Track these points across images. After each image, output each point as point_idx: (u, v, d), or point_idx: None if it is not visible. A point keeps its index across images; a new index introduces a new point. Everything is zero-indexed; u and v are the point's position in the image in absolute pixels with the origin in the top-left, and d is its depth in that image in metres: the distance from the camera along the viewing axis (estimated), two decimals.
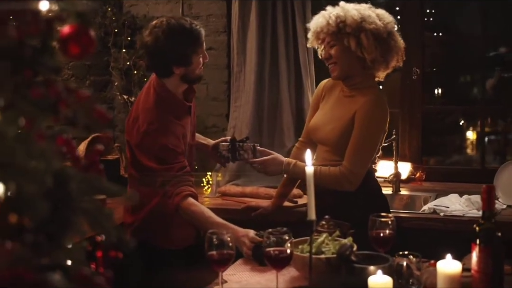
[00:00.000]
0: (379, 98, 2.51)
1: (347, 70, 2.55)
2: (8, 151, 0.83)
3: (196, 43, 2.48)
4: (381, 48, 2.50)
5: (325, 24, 2.51)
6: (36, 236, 0.86)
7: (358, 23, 2.48)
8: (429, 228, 2.83)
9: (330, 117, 2.60)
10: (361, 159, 2.48)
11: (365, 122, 2.46)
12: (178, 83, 2.55)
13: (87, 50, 0.97)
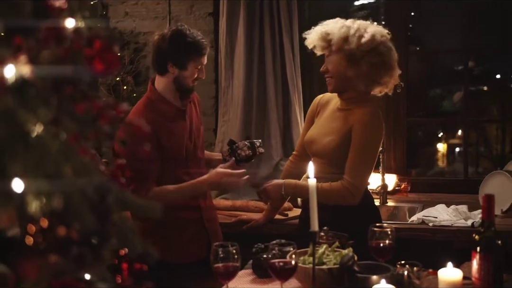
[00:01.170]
0: (375, 111, 2.55)
1: (342, 85, 2.58)
2: (53, 165, 0.85)
3: (196, 51, 2.57)
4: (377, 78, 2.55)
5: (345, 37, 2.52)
6: (80, 249, 0.88)
7: (362, 55, 2.50)
8: (418, 238, 2.88)
9: (326, 130, 2.63)
10: (362, 172, 2.51)
11: (363, 135, 2.50)
12: (171, 85, 2.62)
13: (111, 67, 1.00)
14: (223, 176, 2.59)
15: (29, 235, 0.82)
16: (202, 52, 2.58)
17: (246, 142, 2.65)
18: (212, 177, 2.60)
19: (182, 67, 2.57)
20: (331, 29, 2.56)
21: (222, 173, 2.60)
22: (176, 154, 2.62)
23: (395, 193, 3.65)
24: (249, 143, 2.65)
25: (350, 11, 6.15)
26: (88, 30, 1.00)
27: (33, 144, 0.84)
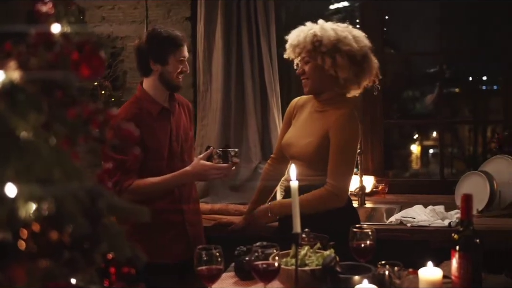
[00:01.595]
0: (351, 113, 2.59)
1: (318, 86, 2.64)
2: (44, 169, 0.85)
3: (173, 44, 2.64)
4: (355, 69, 2.59)
5: (302, 40, 2.60)
6: (72, 253, 0.88)
7: (333, 44, 2.56)
8: (397, 238, 2.92)
9: (303, 132, 2.66)
10: (344, 173, 2.55)
11: (341, 137, 2.54)
12: (157, 84, 2.69)
13: (97, 72, 1.01)
14: (210, 169, 2.63)
15: (22, 239, 0.83)
16: (179, 43, 2.66)
17: (218, 151, 2.67)
18: (196, 168, 2.63)
19: (163, 62, 2.65)
20: (318, 31, 2.60)
21: (208, 166, 2.63)
22: (158, 153, 2.65)
23: (373, 194, 3.70)
24: (221, 152, 2.66)
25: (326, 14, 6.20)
26: (75, 35, 1.01)
27: (25, 149, 0.84)
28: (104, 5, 3.91)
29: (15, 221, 0.82)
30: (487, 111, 5.78)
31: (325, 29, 2.60)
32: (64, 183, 0.86)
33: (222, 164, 2.65)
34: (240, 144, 3.67)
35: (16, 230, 0.83)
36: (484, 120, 5.72)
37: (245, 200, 3.38)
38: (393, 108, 5.86)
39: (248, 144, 3.65)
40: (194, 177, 2.70)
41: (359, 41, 2.62)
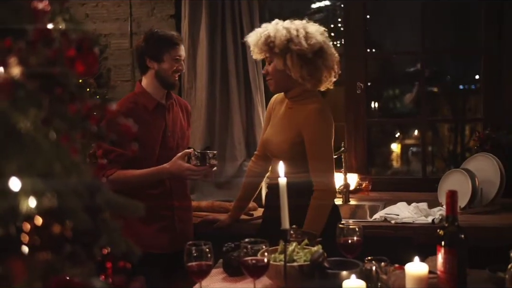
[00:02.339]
0: (319, 107, 2.60)
1: (281, 85, 2.68)
2: (45, 164, 0.86)
3: (168, 42, 2.74)
4: (307, 68, 2.58)
5: (258, 42, 2.63)
6: (73, 247, 0.89)
7: (285, 44, 2.57)
8: (381, 235, 2.96)
9: (277, 130, 2.71)
10: (326, 170, 2.58)
11: (314, 135, 2.57)
12: (153, 81, 2.78)
13: (91, 69, 1.02)
14: (185, 170, 2.68)
15: (25, 233, 0.83)
16: (173, 42, 2.75)
17: (196, 152, 2.68)
18: (173, 167, 2.68)
19: (158, 60, 2.74)
20: (272, 32, 2.61)
21: (185, 167, 2.67)
22: (149, 146, 2.70)
23: (356, 192, 3.73)
24: (199, 154, 2.69)
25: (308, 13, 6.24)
26: (73, 32, 1.02)
27: (26, 144, 0.85)
28: (88, 3, 3.90)
29: (18, 215, 0.83)
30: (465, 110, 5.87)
31: (278, 30, 2.60)
32: (64, 177, 0.87)
33: (199, 167, 2.67)
34: (225, 141, 3.68)
35: (19, 223, 0.84)
36: (464, 119, 5.79)
37: (231, 198, 3.40)
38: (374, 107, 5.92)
39: (233, 142, 3.67)
40: (171, 175, 2.72)
41: (310, 38, 2.58)
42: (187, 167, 2.66)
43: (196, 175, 2.71)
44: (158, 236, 2.75)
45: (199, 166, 2.67)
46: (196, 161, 2.67)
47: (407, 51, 4.78)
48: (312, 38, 2.58)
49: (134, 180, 2.66)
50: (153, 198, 2.69)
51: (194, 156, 2.67)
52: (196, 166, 2.67)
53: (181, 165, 2.66)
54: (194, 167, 2.66)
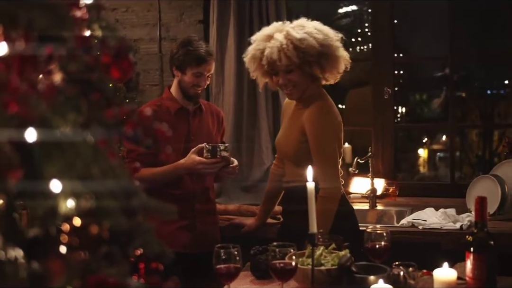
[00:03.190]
0: (322, 105, 2.60)
1: (305, 90, 2.65)
2: (84, 167, 0.89)
3: (192, 59, 2.78)
4: (338, 66, 2.64)
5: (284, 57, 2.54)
6: (109, 247, 0.92)
7: (318, 51, 2.56)
8: (409, 241, 2.95)
9: (285, 132, 2.74)
10: (329, 173, 2.55)
11: (315, 132, 2.56)
12: (178, 88, 2.87)
13: (127, 75, 1.04)
14: (198, 164, 2.72)
15: (64, 233, 0.86)
16: (198, 61, 2.78)
17: (208, 146, 2.71)
18: (187, 162, 2.73)
19: (182, 71, 2.82)
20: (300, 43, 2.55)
21: (197, 161, 2.72)
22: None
23: (383, 197, 3.72)
24: (210, 147, 2.71)
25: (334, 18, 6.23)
26: (111, 39, 1.05)
27: (66, 148, 0.88)
28: (118, 8, 3.96)
29: (57, 216, 0.86)
30: (493, 115, 5.81)
31: (305, 39, 2.54)
32: (102, 180, 0.90)
33: (210, 159, 2.70)
34: (252, 145, 3.71)
35: (58, 224, 0.87)
36: (493, 125, 5.73)
37: (257, 201, 3.41)
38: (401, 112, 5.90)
39: (260, 146, 3.69)
40: (186, 170, 2.76)
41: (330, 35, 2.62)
42: (199, 160, 2.71)
43: (209, 168, 2.74)
44: (179, 235, 2.79)
45: (210, 158, 2.70)
46: (207, 153, 2.70)
47: (435, 56, 4.75)
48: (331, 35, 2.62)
49: (153, 177, 2.71)
50: (174, 198, 2.71)
51: (206, 149, 2.71)
52: (207, 158, 2.70)
53: (194, 159, 2.72)
54: (206, 160, 2.70)
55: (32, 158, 0.83)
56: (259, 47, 2.65)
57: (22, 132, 0.79)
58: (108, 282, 0.85)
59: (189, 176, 2.81)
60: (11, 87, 0.75)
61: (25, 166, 0.83)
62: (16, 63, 0.74)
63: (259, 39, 2.67)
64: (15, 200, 0.88)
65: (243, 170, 3.71)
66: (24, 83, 0.75)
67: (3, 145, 0.75)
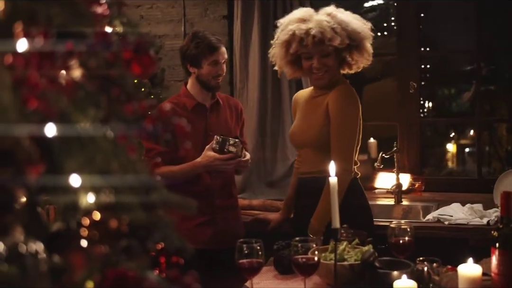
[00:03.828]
0: (346, 88, 2.66)
1: (332, 77, 2.68)
2: (104, 162, 0.90)
3: (207, 49, 2.79)
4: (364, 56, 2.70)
5: (337, 38, 2.57)
6: (129, 241, 0.93)
7: (359, 37, 2.62)
8: (434, 236, 2.92)
9: (302, 121, 2.75)
10: (346, 150, 2.58)
11: (338, 112, 2.58)
12: (196, 84, 2.87)
13: (148, 70, 1.05)
14: (214, 160, 2.72)
15: (84, 227, 0.88)
16: (211, 50, 2.80)
17: (218, 137, 2.72)
18: (204, 159, 2.74)
19: (197, 65, 2.82)
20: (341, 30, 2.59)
21: (212, 157, 2.72)
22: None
23: (409, 192, 3.69)
24: (220, 139, 2.72)
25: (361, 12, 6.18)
26: (131, 35, 1.06)
27: (86, 143, 0.89)
28: (143, 4, 3.98)
29: (77, 210, 0.87)
30: None
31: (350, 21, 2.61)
32: (121, 175, 0.91)
33: (225, 155, 2.71)
34: (276, 141, 3.71)
35: (78, 218, 0.88)
36: None
37: (282, 196, 3.41)
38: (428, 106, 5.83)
39: (284, 141, 3.68)
40: (204, 167, 2.76)
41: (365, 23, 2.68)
42: (214, 156, 2.71)
43: (224, 165, 2.74)
44: (198, 231, 2.80)
45: (217, 150, 2.71)
46: (216, 145, 2.71)
47: (461, 49, 4.68)
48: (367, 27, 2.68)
49: (172, 175, 2.71)
50: (194, 195, 2.72)
51: (215, 140, 2.71)
52: (215, 150, 2.71)
53: (209, 156, 2.72)
54: (222, 157, 2.70)
55: (52, 153, 0.84)
56: (292, 29, 2.64)
57: (42, 127, 0.80)
58: (127, 275, 0.86)
59: (208, 172, 2.81)
60: (30, 83, 0.76)
61: (46, 161, 0.84)
62: (35, 59, 0.75)
63: (293, 20, 2.68)
64: (38, 195, 0.89)
65: (267, 165, 3.72)
66: (44, 79, 0.76)
67: (23, 140, 0.76)
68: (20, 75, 0.76)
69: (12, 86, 0.77)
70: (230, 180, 2.94)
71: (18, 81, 0.76)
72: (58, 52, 0.80)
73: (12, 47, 0.75)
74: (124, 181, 0.91)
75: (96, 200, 0.88)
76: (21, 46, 0.75)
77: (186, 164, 2.75)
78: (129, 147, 0.95)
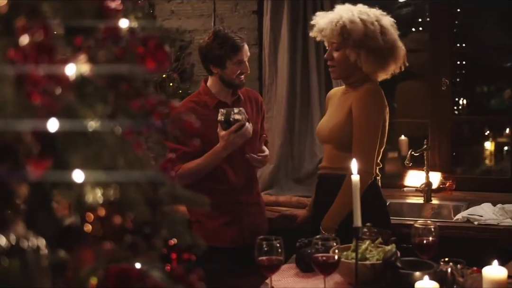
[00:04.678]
0: (373, 88, 2.62)
1: (345, 73, 2.69)
2: (110, 158, 0.90)
3: (231, 49, 2.72)
4: (379, 62, 2.60)
5: (330, 29, 2.60)
6: (134, 237, 0.92)
7: (361, 39, 2.57)
8: (462, 236, 2.87)
9: (331, 116, 2.74)
10: (368, 150, 2.56)
11: (361, 111, 2.57)
12: (218, 83, 2.81)
13: (162, 65, 1.04)
14: (228, 137, 2.67)
15: (88, 223, 0.88)
16: (235, 50, 2.73)
17: (222, 110, 2.69)
18: (221, 142, 2.69)
19: (221, 66, 2.76)
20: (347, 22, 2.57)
21: (225, 135, 2.67)
22: (212, 144, 2.72)
23: (440, 191, 3.62)
24: (225, 110, 2.69)
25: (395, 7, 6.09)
26: (141, 30, 1.05)
27: (92, 138, 0.89)
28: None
29: (82, 206, 0.87)
30: None
31: (354, 21, 2.57)
32: (127, 171, 0.90)
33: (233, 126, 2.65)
34: (304, 137, 3.68)
35: (83, 214, 0.88)
36: None
37: (309, 193, 3.38)
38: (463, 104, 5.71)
39: (313, 138, 3.65)
40: (224, 149, 2.71)
41: (385, 33, 2.60)
42: (226, 134, 2.66)
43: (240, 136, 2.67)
44: (224, 231, 2.78)
45: (223, 123, 2.66)
46: (221, 117, 2.67)
47: (497, 46, 4.58)
48: (387, 34, 2.61)
49: (197, 167, 2.71)
50: (218, 192, 2.72)
51: (220, 113, 2.68)
52: (222, 124, 2.67)
53: (223, 135, 2.66)
54: (232, 128, 2.65)
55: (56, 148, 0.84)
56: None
57: (45, 122, 0.80)
58: (130, 272, 0.85)
59: (232, 169, 2.79)
60: (32, 78, 0.76)
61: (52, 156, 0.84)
62: (36, 54, 0.75)
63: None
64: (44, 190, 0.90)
65: (295, 161, 3.70)
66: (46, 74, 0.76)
67: (24, 135, 0.76)
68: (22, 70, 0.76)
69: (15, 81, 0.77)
70: (254, 176, 2.93)
71: (20, 76, 0.76)
72: (60, 46, 0.79)
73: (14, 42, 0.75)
74: (130, 177, 0.91)
75: (101, 196, 0.88)
76: (23, 40, 0.75)
77: (207, 154, 2.72)
78: (136, 143, 0.95)
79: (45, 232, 0.86)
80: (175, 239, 1.29)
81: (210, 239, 2.73)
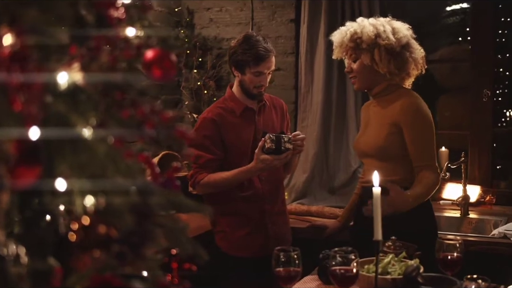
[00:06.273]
0: (417, 102, 2.58)
1: (366, 82, 2.65)
2: (99, 166, 0.90)
3: (252, 58, 2.67)
4: (395, 61, 2.56)
5: (344, 39, 2.62)
6: (121, 246, 0.92)
7: (372, 39, 2.55)
8: (498, 253, 2.77)
9: (368, 130, 2.69)
10: (431, 152, 2.55)
11: (415, 125, 2.53)
12: (239, 88, 2.78)
13: (168, 74, 1.04)
14: (273, 161, 2.60)
15: (73, 232, 0.88)
16: (256, 60, 2.67)
17: (271, 135, 2.63)
18: (259, 164, 2.61)
19: (241, 71, 2.73)
20: (358, 28, 2.60)
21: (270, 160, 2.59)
22: (240, 150, 2.73)
23: (479, 205, 3.52)
24: (274, 137, 2.62)
25: (442, 16, 5.97)
26: (146, 38, 1.05)
27: (82, 147, 0.89)
28: (212, 7, 4.03)
29: (67, 214, 0.87)
30: None
31: (364, 26, 2.59)
32: (115, 180, 0.90)
33: (283, 155, 2.60)
34: (339, 146, 3.64)
35: (67, 222, 0.88)
36: None
37: (343, 204, 3.34)
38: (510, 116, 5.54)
39: (348, 147, 3.62)
40: (260, 171, 2.68)
41: (397, 32, 2.58)
42: (271, 159, 2.59)
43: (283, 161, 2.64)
44: (249, 241, 2.76)
45: (273, 150, 2.59)
46: (271, 144, 2.60)
47: None
48: (399, 32, 2.58)
49: (225, 182, 2.68)
50: (244, 200, 2.72)
51: (270, 139, 2.60)
52: (271, 149, 2.59)
53: (266, 159, 2.59)
54: (281, 157, 2.60)
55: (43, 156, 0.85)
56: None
57: (28, 130, 0.81)
58: (112, 282, 0.85)
59: (258, 177, 2.76)
60: (13, 85, 0.77)
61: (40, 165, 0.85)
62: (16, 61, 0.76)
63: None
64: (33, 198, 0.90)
65: (330, 171, 3.66)
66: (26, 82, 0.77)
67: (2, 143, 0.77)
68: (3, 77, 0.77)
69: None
70: (279, 184, 2.90)
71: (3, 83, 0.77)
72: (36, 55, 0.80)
73: None
74: (115, 186, 0.91)
75: (86, 204, 0.88)
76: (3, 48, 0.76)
77: (238, 170, 2.67)
78: (126, 153, 0.95)
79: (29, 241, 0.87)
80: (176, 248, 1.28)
81: (235, 249, 2.73)
